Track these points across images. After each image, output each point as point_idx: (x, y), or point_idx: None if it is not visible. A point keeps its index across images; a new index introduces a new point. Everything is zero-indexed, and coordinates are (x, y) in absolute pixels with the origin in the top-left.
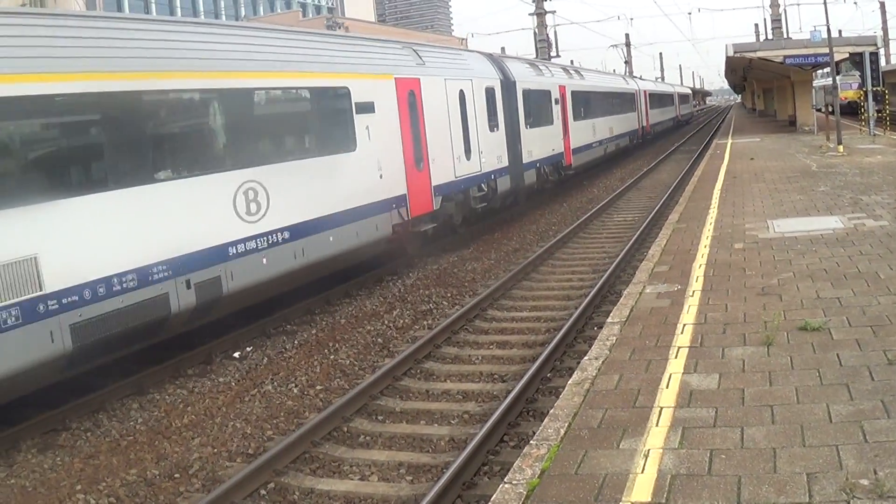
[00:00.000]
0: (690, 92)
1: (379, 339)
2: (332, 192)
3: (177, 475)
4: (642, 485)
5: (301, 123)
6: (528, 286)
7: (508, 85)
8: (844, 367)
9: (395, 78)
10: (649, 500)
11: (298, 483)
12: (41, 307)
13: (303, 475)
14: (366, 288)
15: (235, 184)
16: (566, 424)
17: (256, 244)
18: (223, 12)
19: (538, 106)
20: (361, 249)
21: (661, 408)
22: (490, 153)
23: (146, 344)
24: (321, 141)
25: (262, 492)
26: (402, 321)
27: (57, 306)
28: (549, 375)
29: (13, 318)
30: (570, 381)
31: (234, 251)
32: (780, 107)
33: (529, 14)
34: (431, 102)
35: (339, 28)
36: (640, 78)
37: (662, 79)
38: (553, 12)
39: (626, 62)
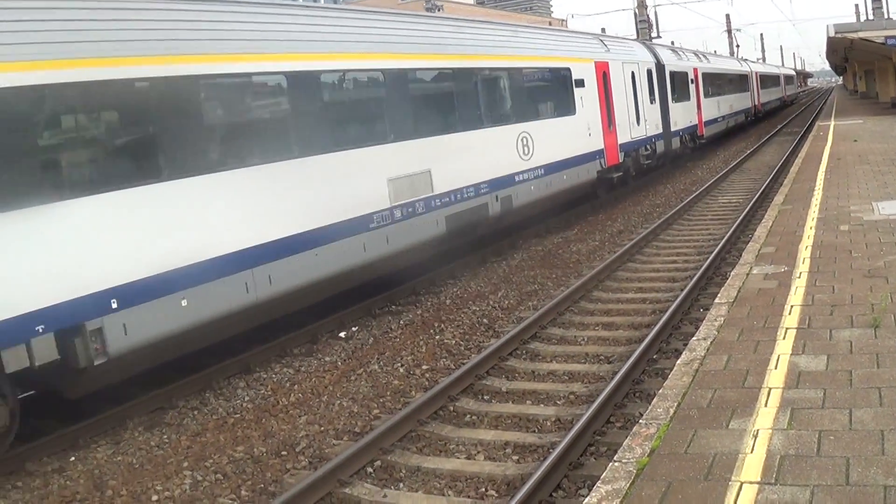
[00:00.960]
0: (795, 73)
1: (484, 320)
2: (564, 143)
3: (284, 452)
4: (752, 465)
5: (547, 93)
6: (633, 268)
7: (660, 67)
8: None
9: (594, 61)
10: (759, 479)
11: (405, 461)
12: (433, 203)
13: (409, 453)
14: (470, 269)
15: (517, 132)
16: (675, 404)
17: (528, 176)
18: None
19: (680, 84)
20: (578, 187)
21: (770, 388)
22: (651, 121)
23: (473, 237)
24: (557, 106)
25: (369, 469)
26: (507, 302)
27: (440, 204)
28: (655, 357)
29: (421, 208)
30: (679, 361)
31: (518, 179)
32: (882, 88)
33: None
34: (615, 80)
35: (438, 10)
36: (749, 60)
37: (763, 60)
38: None
39: (737, 46)
